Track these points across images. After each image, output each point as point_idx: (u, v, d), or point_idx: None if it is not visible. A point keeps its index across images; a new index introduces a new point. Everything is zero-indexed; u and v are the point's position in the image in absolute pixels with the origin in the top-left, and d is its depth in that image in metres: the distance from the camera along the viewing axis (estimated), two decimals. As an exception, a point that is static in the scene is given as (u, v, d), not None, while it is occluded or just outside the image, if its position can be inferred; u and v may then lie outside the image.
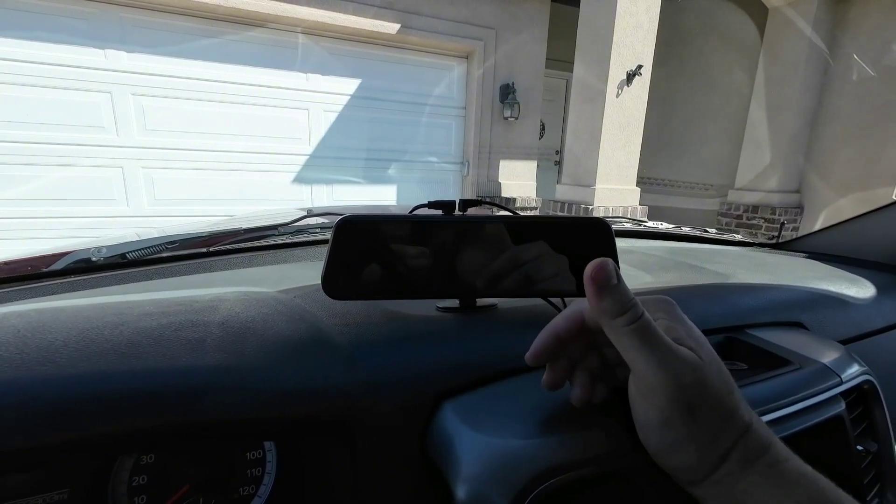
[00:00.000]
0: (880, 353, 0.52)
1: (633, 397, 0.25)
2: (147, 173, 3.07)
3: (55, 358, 0.25)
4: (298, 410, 0.27)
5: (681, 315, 0.26)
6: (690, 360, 0.23)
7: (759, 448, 0.23)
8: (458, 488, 0.25)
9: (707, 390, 0.23)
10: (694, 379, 0.23)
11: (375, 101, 3.62)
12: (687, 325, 0.26)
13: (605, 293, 0.24)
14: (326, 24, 3.22)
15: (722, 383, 0.24)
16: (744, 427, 0.23)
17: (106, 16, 2.79)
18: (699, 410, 0.23)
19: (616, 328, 0.24)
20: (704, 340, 0.25)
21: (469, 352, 0.33)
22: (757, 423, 0.24)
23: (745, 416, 0.23)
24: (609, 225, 0.34)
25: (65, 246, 0.59)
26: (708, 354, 0.24)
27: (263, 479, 0.30)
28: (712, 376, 0.23)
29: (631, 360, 0.23)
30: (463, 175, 4.10)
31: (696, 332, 0.25)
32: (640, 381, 0.23)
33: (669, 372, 0.23)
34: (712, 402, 0.23)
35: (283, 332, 0.31)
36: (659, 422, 0.23)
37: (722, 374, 0.24)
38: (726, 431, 0.23)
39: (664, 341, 0.23)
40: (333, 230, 0.31)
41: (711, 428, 0.23)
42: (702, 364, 0.23)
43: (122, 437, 0.24)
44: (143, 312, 0.31)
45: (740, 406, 0.24)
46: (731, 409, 0.23)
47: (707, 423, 0.23)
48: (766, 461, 0.22)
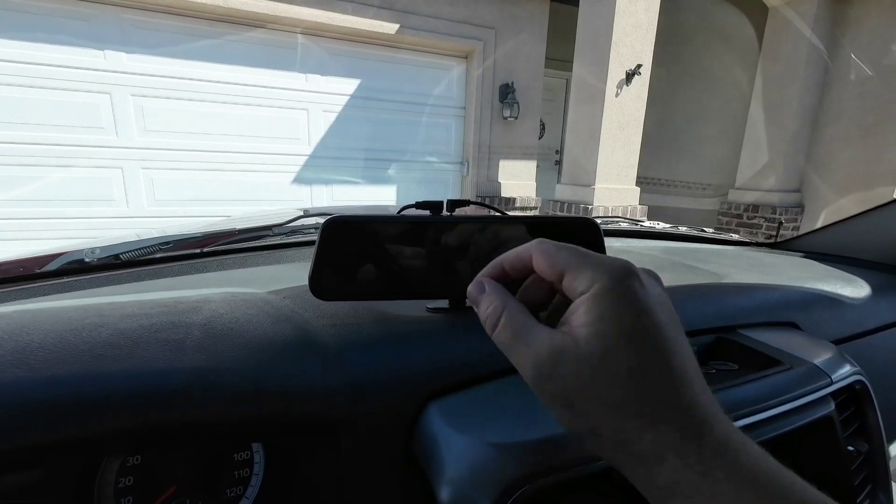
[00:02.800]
0: (874, 353, 0.52)
1: None
2: (147, 174, 3.07)
3: (30, 360, 0.25)
4: (282, 412, 0.27)
5: (615, 287, 0.20)
6: (546, 350, 0.20)
7: (694, 431, 0.18)
8: (442, 490, 0.25)
9: (583, 377, 0.19)
10: (552, 368, 0.20)
11: (375, 102, 3.63)
12: (609, 301, 0.20)
13: (478, 307, 0.23)
14: (325, 25, 3.22)
15: (625, 365, 0.19)
16: (673, 405, 0.19)
17: (105, 17, 2.80)
18: (579, 398, 0.20)
19: (493, 340, 0.23)
20: (629, 319, 0.20)
21: (457, 352, 0.32)
22: (703, 402, 0.19)
23: (681, 393, 0.19)
24: (597, 223, 0.34)
25: (60, 247, 0.59)
26: (599, 330, 0.19)
27: (251, 480, 0.30)
28: (597, 358, 0.19)
29: None
30: (462, 175, 4.10)
31: (617, 307, 0.20)
32: None
33: (523, 369, 0.21)
34: (601, 386, 0.19)
35: (267, 333, 0.31)
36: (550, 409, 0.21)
37: (627, 353, 0.19)
38: (638, 414, 0.19)
39: (520, 336, 0.21)
40: (320, 230, 0.31)
41: (609, 414, 0.19)
42: (567, 348, 0.20)
43: (100, 438, 0.24)
44: (125, 314, 0.31)
45: (671, 381, 0.19)
46: (649, 388, 0.19)
47: (599, 409, 0.19)
48: (704, 449, 0.18)
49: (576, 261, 0.22)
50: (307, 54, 3.33)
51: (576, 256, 0.22)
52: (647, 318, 0.20)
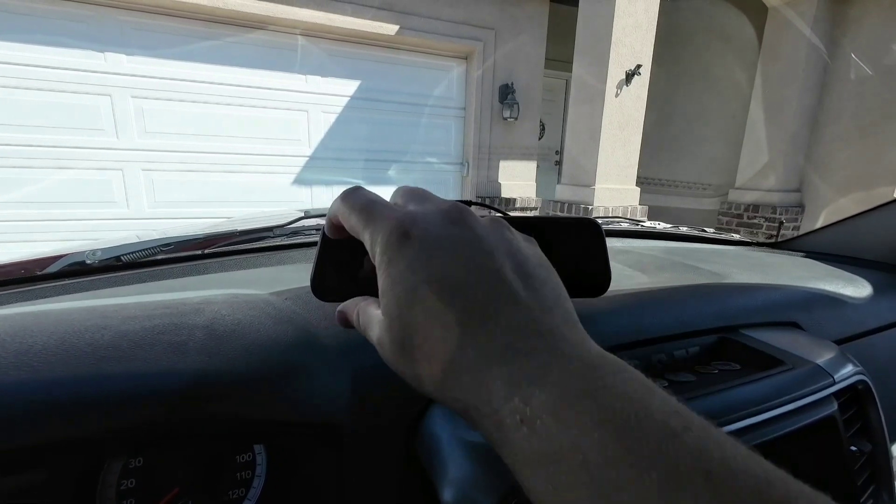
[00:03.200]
0: (876, 352, 0.52)
1: None
2: (147, 175, 3.08)
3: (32, 362, 0.25)
4: (284, 413, 0.27)
5: (360, 232, 0.20)
6: (376, 332, 0.20)
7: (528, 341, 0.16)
8: (445, 490, 0.25)
9: (389, 338, 0.18)
10: (378, 336, 0.19)
11: (375, 103, 3.63)
12: (374, 253, 0.19)
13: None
14: (325, 26, 3.22)
15: (408, 324, 0.18)
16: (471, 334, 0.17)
17: (105, 19, 2.80)
18: (390, 352, 0.19)
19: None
20: (388, 269, 0.18)
21: None
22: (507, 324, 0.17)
23: (477, 320, 0.17)
24: (599, 224, 0.34)
25: (61, 249, 0.59)
26: (388, 300, 0.18)
27: (253, 482, 0.30)
28: (393, 323, 0.18)
29: None
30: (463, 176, 4.10)
31: (379, 258, 0.19)
32: None
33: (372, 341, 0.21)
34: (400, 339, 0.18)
35: (269, 335, 0.31)
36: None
37: (410, 291, 0.18)
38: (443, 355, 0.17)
39: (368, 324, 0.21)
40: (322, 231, 0.31)
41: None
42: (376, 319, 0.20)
43: (103, 440, 0.24)
44: (128, 316, 0.31)
45: (501, 295, 0.17)
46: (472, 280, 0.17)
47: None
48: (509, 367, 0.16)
49: (360, 226, 0.20)
50: (307, 56, 3.34)
51: (360, 222, 0.20)
52: (411, 278, 0.18)
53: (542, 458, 0.14)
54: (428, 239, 0.18)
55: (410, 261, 0.18)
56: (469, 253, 0.18)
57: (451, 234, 0.19)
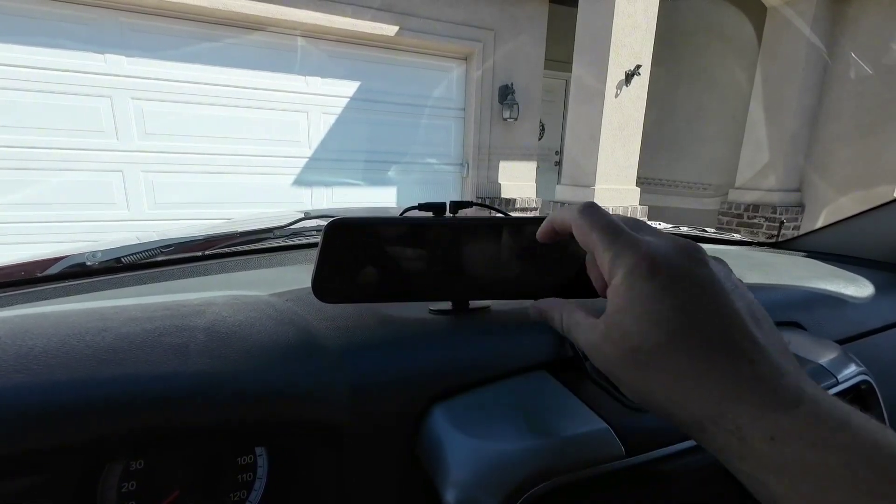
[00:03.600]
0: (879, 352, 0.52)
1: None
2: (147, 177, 3.08)
3: (32, 365, 0.24)
4: (285, 415, 0.27)
5: (604, 250, 0.23)
6: (593, 339, 0.23)
7: (742, 389, 0.19)
8: (448, 492, 0.25)
9: (618, 356, 0.22)
10: (597, 350, 0.23)
11: (374, 104, 3.63)
12: (615, 275, 0.22)
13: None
14: (325, 27, 3.23)
15: (646, 344, 0.21)
16: (724, 365, 0.19)
17: (105, 20, 2.81)
18: (620, 371, 0.22)
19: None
20: (632, 291, 0.21)
21: (461, 354, 0.32)
22: (762, 358, 0.19)
23: (728, 353, 0.19)
24: None
25: (62, 250, 0.59)
26: (619, 320, 0.22)
27: (254, 484, 0.30)
28: (620, 341, 0.21)
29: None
30: (463, 176, 4.10)
31: (622, 282, 0.22)
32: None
33: (581, 344, 0.25)
34: (632, 357, 0.21)
35: (271, 336, 0.31)
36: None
37: (644, 337, 0.21)
38: (697, 379, 0.20)
39: (575, 325, 0.26)
40: (323, 232, 0.31)
41: (660, 382, 0.21)
42: (604, 334, 0.22)
43: (104, 443, 0.24)
44: (129, 318, 0.31)
45: (710, 347, 0.19)
46: (696, 354, 0.19)
47: (650, 380, 0.21)
48: (746, 405, 0.18)
49: (602, 245, 0.23)
50: (307, 57, 3.34)
51: (603, 241, 0.23)
52: (658, 304, 0.21)
53: (793, 467, 0.17)
54: (673, 274, 0.21)
55: (657, 290, 0.21)
56: (710, 290, 0.21)
57: (693, 272, 0.22)
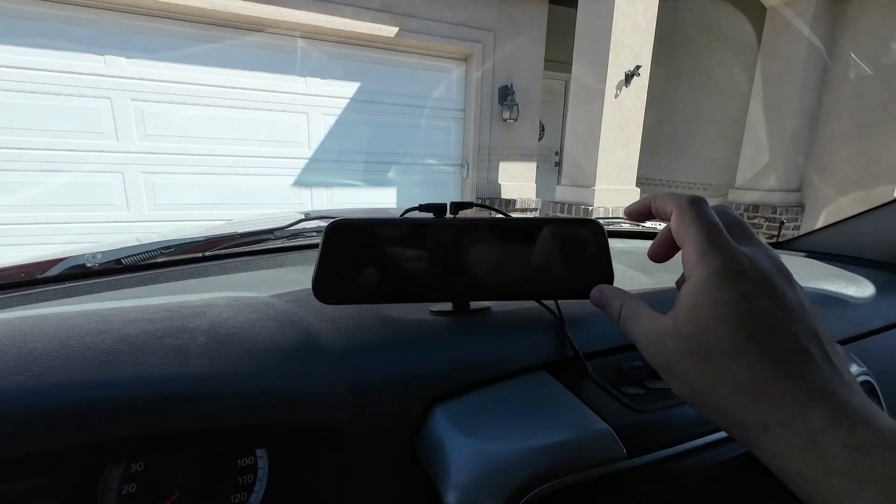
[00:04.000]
0: (880, 352, 0.52)
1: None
2: (147, 178, 3.08)
3: (32, 367, 0.24)
4: (286, 417, 0.27)
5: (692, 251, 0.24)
6: (654, 329, 0.24)
7: (799, 404, 0.19)
8: (449, 494, 0.25)
9: (680, 354, 0.23)
10: (657, 344, 0.24)
11: (374, 104, 3.63)
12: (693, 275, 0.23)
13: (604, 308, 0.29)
14: (325, 28, 3.23)
15: (717, 344, 0.21)
16: (782, 378, 0.20)
17: (105, 22, 2.81)
18: (681, 370, 0.23)
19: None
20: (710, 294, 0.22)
21: (461, 355, 0.32)
22: (819, 372, 0.20)
23: (785, 366, 0.20)
24: (601, 225, 0.34)
25: (62, 252, 0.59)
26: (696, 316, 0.22)
27: (255, 487, 0.30)
28: (690, 339, 0.22)
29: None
30: (463, 177, 4.10)
31: (703, 282, 0.23)
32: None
33: (640, 334, 0.25)
34: (696, 361, 0.22)
35: (271, 338, 0.31)
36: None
37: (717, 336, 0.21)
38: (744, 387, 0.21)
39: (639, 317, 0.26)
40: (323, 234, 0.31)
41: (714, 385, 0.21)
42: (668, 330, 0.23)
43: (103, 446, 0.24)
44: (129, 319, 0.31)
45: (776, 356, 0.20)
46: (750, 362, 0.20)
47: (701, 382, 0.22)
48: (811, 421, 0.19)
49: (695, 241, 0.24)
50: (307, 58, 3.34)
51: (696, 237, 0.24)
52: (744, 305, 0.22)
53: (872, 476, 0.17)
54: (761, 285, 0.22)
55: (741, 295, 0.22)
56: (792, 309, 0.22)
57: (779, 289, 0.23)
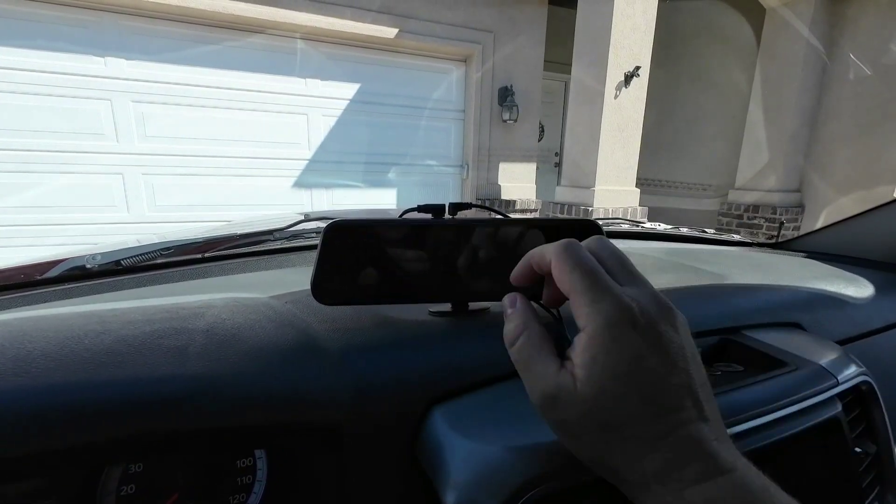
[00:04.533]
0: (879, 353, 0.52)
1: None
2: (147, 180, 3.08)
3: (31, 368, 0.24)
4: (285, 417, 0.27)
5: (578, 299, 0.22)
6: (551, 385, 0.21)
7: (677, 462, 0.20)
8: (448, 494, 0.25)
9: (578, 415, 0.21)
10: (553, 403, 0.21)
11: (374, 105, 3.64)
12: (587, 326, 0.21)
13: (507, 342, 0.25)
14: (325, 30, 3.23)
15: (614, 407, 0.20)
16: (660, 441, 0.20)
17: (105, 24, 2.81)
18: (577, 431, 0.21)
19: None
20: (604, 350, 0.21)
21: (460, 356, 0.32)
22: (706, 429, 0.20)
23: (664, 429, 0.20)
24: (600, 226, 0.34)
25: (61, 253, 0.59)
26: (592, 375, 0.21)
27: (254, 487, 0.30)
28: (590, 401, 0.20)
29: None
30: (462, 178, 4.11)
31: (595, 334, 0.21)
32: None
33: (530, 393, 0.23)
34: (595, 424, 0.21)
35: (270, 339, 0.31)
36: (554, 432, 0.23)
37: (616, 396, 0.20)
38: (631, 449, 0.20)
39: (530, 364, 0.23)
40: (322, 235, 0.31)
41: (603, 448, 0.21)
42: (566, 388, 0.21)
43: (102, 447, 0.24)
44: (127, 320, 0.31)
45: (657, 420, 0.20)
46: (637, 427, 0.20)
47: (594, 444, 0.21)
48: (687, 476, 0.19)
49: (580, 289, 0.22)
50: (307, 59, 3.35)
51: (581, 285, 0.22)
52: (636, 364, 0.20)
53: None
54: (651, 333, 0.21)
55: (636, 348, 0.21)
56: (679, 360, 0.21)
57: (668, 334, 0.21)
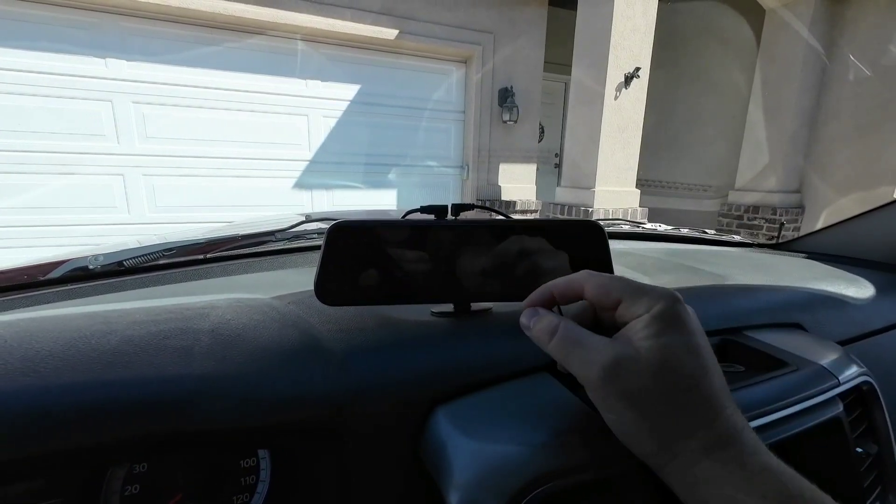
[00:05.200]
0: (880, 353, 0.52)
1: None
2: (148, 181, 3.08)
3: (39, 368, 0.25)
4: (289, 417, 0.27)
5: (670, 312, 0.25)
6: (612, 354, 0.24)
7: (721, 440, 0.22)
8: (451, 495, 0.25)
9: (646, 380, 0.23)
10: (614, 370, 0.23)
11: (375, 107, 3.64)
12: (667, 323, 0.24)
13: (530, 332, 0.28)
14: (325, 31, 3.24)
15: (673, 378, 0.23)
16: (707, 419, 0.23)
17: (106, 25, 2.82)
18: (641, 399, 0.23)
19: (548, 351, 0.27)
20: (681, 339, 0.24)
21: (463, 356, 0.32)
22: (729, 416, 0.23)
23: (713, 409, 0.23)
24: (602, 227, 0.34)
25: (64, 254, 0.59)
26: (663, 348, 0.23)
27: (257, 487, 0.30)
28: (657, 366, 0.23)
29: (566, 367, 0.26)
30: (463, 179, 4.11)
31: (669, 329, 0.24)
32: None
33: (587, 369, 0.24)
34: (660, 390, 0.23)
35: (274, 339, 0.31)
36: (603, 411, 0.24)
37: (681, 368, 0.23)
38: (687, 418, 0.23)
39: (582, 342, 0.25)
40: (326, 235, 0.31)
41: (665, 415, 0.23)
42: (631, 355, 0.23)
43: (108, 447, 0.24)
44: (133, 321, 0.31)
45: (708, 399, 0.23)
46: (697, 398, 0.23)
47: (657, 410, 0.23)
48: (729, 453, 0.22)
49: (631, 290, 0.26)
50: (307, 60, 3.35)
51: (629, 286, 0.26)
52: (695, 339, 0.24)
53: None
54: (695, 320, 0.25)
55: (693, 326, 0.24)
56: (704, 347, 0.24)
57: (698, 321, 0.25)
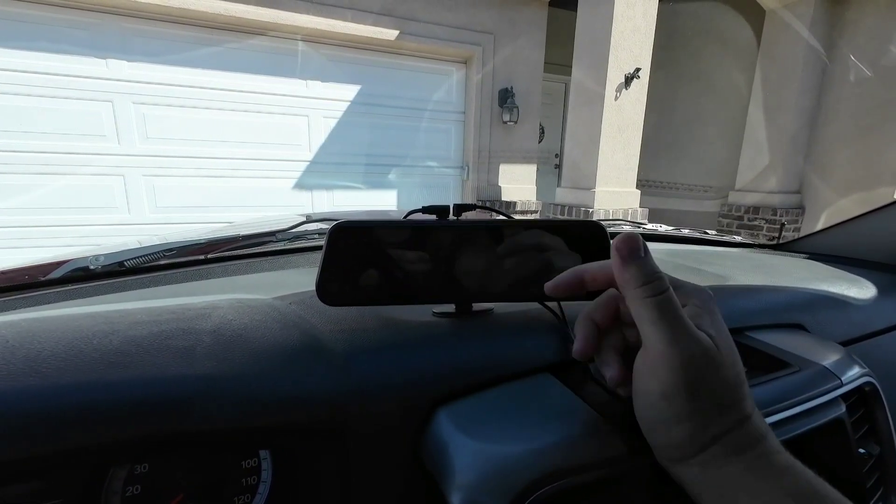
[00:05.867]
0: (882, 354, 0.52)
1: (638, 369, 0.25)
2: (148, 181, 3.08)
3: (42, 368, 0.25)
4: (290, 418, 0.27)
5: (713, 307, 0.26)
6: (703, 343, 0.24)
7: (752, 438, 0.24)
8: (453, 496, 0.25)
9: (714, 374, 0.24)
10: (703, 361, 0.23)
11: (375, 107, 3.64)
12: (715, 317, 0.26)
13: (630, 263, 0.25)
14: (326, 32, 3.24)
15: (732, 374, 0.24)
16: (742, 417, 0.24)
17: (107, 25, 2.82)
18: (701, 391, 0.23)
19: (636, 298, 0.24)
20: (727, 334, 0.26)
21: (464, 357, 0.32)
22: (756, 416, 0.25)
23: (747, 409, 0.24)
24: (604, 227, 0.34)
25: (65, 254, 0.59)
26: (726, 344, 0.25)
27: (259, 488, 0.30)
28: (724, 364, 0.24)
29: (645, 332, 0.24)
30: (463, 179, 4.11)
31: (721, 324, 0.26)
32: (649, 353, 0.24)
33: (679, 347, 0.23)
34: (717, 386, 0.24)
35: (276, 340, 0.31)
36: (659, 394, 0.24)
37: (735, 366, 0.25)
38: (724, 416, 0.24)
39: (682, 319, 0.24)
40: (327, 236, 0.31)
41: (710, 411, 0.23)
42: (715, 350, 0.24)
43: (110, 447, 0.24)
44: (134, 321, 0.31)
45: (745, 398, 0.24)
46: (735, 398, 0.24)
47: (706, 404, 0.23)
48: (757, 452, 0.23)
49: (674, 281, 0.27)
50: (307, 61, 3.35)
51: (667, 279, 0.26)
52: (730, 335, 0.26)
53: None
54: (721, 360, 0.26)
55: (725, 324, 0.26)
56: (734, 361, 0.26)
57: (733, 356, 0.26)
